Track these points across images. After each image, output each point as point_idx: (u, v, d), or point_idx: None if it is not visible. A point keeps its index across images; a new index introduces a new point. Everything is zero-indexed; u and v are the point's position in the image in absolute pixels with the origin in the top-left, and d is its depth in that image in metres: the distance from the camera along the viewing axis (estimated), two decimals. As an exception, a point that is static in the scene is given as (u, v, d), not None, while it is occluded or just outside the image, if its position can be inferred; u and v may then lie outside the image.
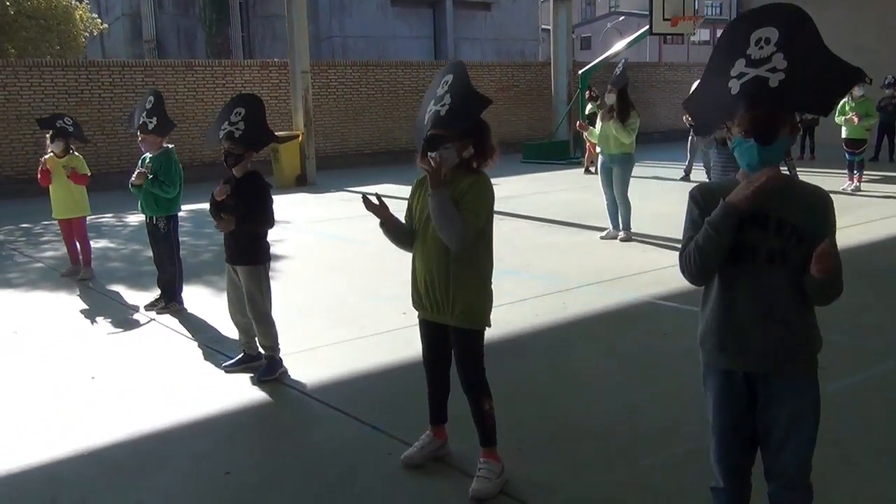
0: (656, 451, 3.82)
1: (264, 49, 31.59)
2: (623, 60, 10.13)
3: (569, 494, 3.45)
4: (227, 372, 5.17)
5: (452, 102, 3.26)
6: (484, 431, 3.52)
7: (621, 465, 3.69)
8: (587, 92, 17.27)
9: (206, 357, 5.53)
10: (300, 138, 15.93)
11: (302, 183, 16.08)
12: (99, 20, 22.35)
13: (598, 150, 9.29)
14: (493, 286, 3.52)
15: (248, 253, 4.95)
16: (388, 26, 31.58)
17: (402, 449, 3.83)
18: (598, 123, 9.08)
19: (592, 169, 16.50)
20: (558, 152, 19.30)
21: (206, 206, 5.34)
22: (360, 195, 3.62)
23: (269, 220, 4.95)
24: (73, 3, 20.71)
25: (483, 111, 3.34)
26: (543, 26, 39.45)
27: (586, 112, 16.91)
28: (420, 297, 3.53)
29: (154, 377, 5.15)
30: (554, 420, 4.24)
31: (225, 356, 5.44)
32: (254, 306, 4.96)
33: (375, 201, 3.52)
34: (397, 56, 27.84)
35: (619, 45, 19.69)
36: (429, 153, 3.30)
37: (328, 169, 18.10)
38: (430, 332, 3.57)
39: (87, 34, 21.30)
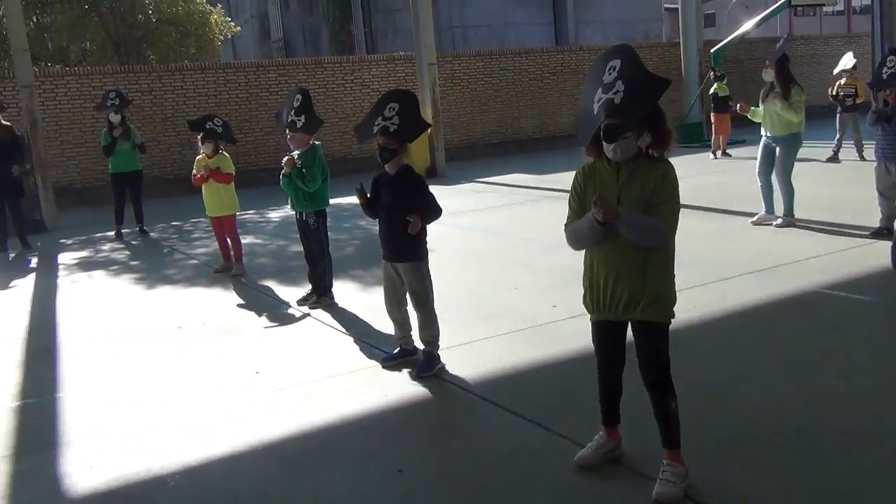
0: (853, 454, 3.55)
1: (386, 43, 31.98)
2: (784, 35, 9.57)
3: (759, 500, 3.25)
4: (384, 367, 5.18)
5: (627, 88, 3.10)
6: (668, 432, 3.36)
7: (812, 470, 3.45)
8: (712, 72, 16.65)
9: (363, 351, 5.58)
10: (429, 130, 15.99)
11: (432, 175, 16.16)
12: (232, 23, 23.14)
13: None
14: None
15: (411, 249, 4.93)
16: (507, 14, 31.35)
17: (571, 449, 3.72)
18: (760, 105, 8.62)
19: (718, 153, 15.91)
20: (691, 135, 18.64)
21: (342, 200, 5.36)
22: (596, 194, 3.39)
23: (436, 209, 4.91)
24: (209, 8, 21.52)
25: (663, 94, 3.16)
26: (666, 5, 38.27)
27: (710, 93, 16.35)
28: (600, 299, 3.37)
29: (314, 372, 5.22)
30: (732, 420, 4.02)
31: (380, 351, 5.47)
32: (419, 302, 4.95)
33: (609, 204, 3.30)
34: (517, 44, 27.59)
35: (753, 21, 18.79)
36: (594, 207, 3.12)
37: (456, 160, 18.13)
38: (607, 333, 3.44)
39: (221, 37, 22.11)
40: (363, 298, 6.97)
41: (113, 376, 5.45)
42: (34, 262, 10.19)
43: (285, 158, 6.58)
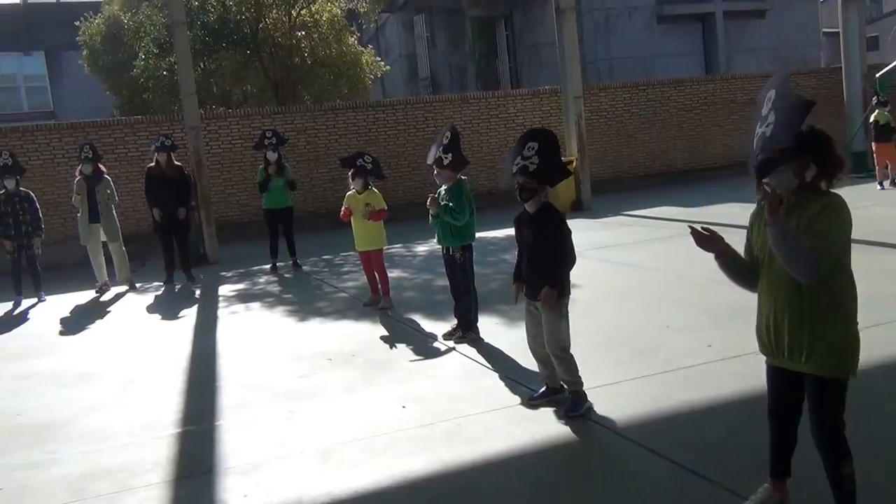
0: None
1: (531, 77, 32.08)
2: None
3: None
4: (530, 405, 5.07)
5: (776, 120, 2.89)
6: (841, 497, 3.07)
7: None
8: (875, 98, 15.65)
9: (508, 388, 5.49)
10: (574, 164, 15.83)
11: (577, 208, 15.95)
12: (382, 63, 23.89)
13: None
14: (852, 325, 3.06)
15: (554, 287, 4.81)
16: (654, 45, 30.80)
17: (732, 501, 3.47)
18: None
19: (886, 183, 14.87)
20: (854, 165, 17.54)
21: (488, 234, 5.32)
22: (689, 227, 3.32)
23: (569, 257, 4.80)
24: (360, 49, 22.33)
25: (804, 119, 2.91)
26: (825, 29, 36.46)
27: (871, 120, 15.37)
28: (767, 341, 3.15)
29: (460, 407, 5.17)
30: (916, 478, 3.64)
31: (526, 388, 5.36)
32: (553, 341, 4.84)
33: (705, 233, 3.21)
34: (665, 74, 27.01)
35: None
36: (762, 181, 2.95)
37: (602, 193, 17.83)
38: (779, 379, 3.19)
39: (371, 77, 22.85)
40: (508, 334, 6.89)
41: (266, 406, 5.61)
42: (198, 293, 10.75)
43: (429, 199, 6.62)
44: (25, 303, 10.86)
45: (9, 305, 10.75)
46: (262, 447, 4.83)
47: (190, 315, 9.22)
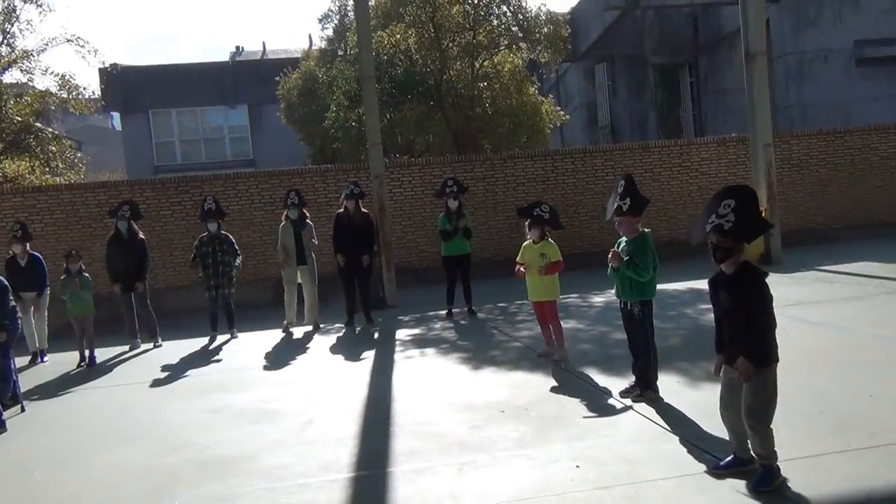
0: None
1: (716, 125, 31.00)
2: None
3: None
4: (714, 475, 4.72)
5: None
6: None
7: None
8: None
9: (691, 454, 5.15)
10: (764, 214, 15.00)
11: (766, 262, 15.07)
12: (561, 112, 23.90)
13: None
14: None
15: (755, 355, 4.47)
16: (852, 89, 28.91)
17: None
18: None
19: None
20: None
21: (669, 286, 5.06)
22: None
23: (771, 323, 4.46)
24: (540, 98, 22.46)
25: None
26: None
27: None
28: None
29: (638, 472, 4.91)
30: None
31: (710, 455, 5.02)
32: (751, 413, 4.48)
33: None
34: (862, 120, 25.26)
35: None
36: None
37: (793, 246, 16.79)
38: None
39: (551, 126, 22.89)
40: (690, 395, 6.53)
41: (437, 455, 5.57)
42: (376, 336, 11.02)
43: (611, 254, 6.42)
44: (220, 339, 11.55)
45: (205, 341, 11.45)
46: (433, 499, 4.79)
47: (368, 357, 9.43)
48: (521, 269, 8.25)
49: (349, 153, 22.33)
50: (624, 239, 6.59)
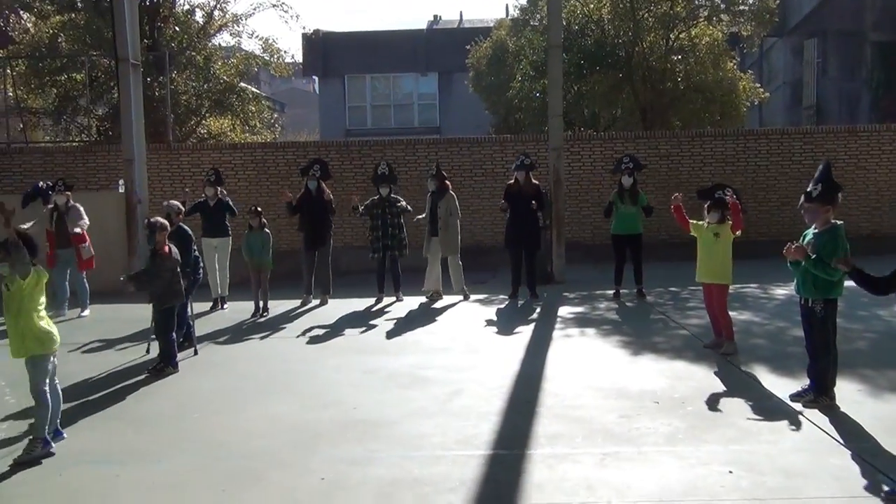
0: None
1: (940, 110, 27.95)
2: None
3: None
4: (889, 502, 4.17)
5: None
6: None
7: None
8: None
9: (864, 475, 4.59)
10: None
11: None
12: (761, 89, 22.36)
13: None
14: None
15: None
16: None
17: None
18: None
19: None
20: None
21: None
22: None
23: None
24: (739, 74, 21.10)
25: None
26: None
27: None
28: None
29: (798, 485, 4.44)
30: None
31: (887, 478, 4.45)
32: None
33: None
34: None
35: None
36: None
37: None
38: None
39: (748, 104, 21.49)
40: (871, 405, 5.87)
41: (581, 442, 5.33)
42: (537, 311, 10.78)
43: (787, 247, 5.79)
44: (386, 300, 11.75)
45: (371, 301, 11.70)
46: (568, 488, 4.57)
47: (525, 333, 9.23)
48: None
49: (531, 124, 22.04)
50: (811, 231, 5.96)
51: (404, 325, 9.98)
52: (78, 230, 11.41)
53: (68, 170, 16.02)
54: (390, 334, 9.38)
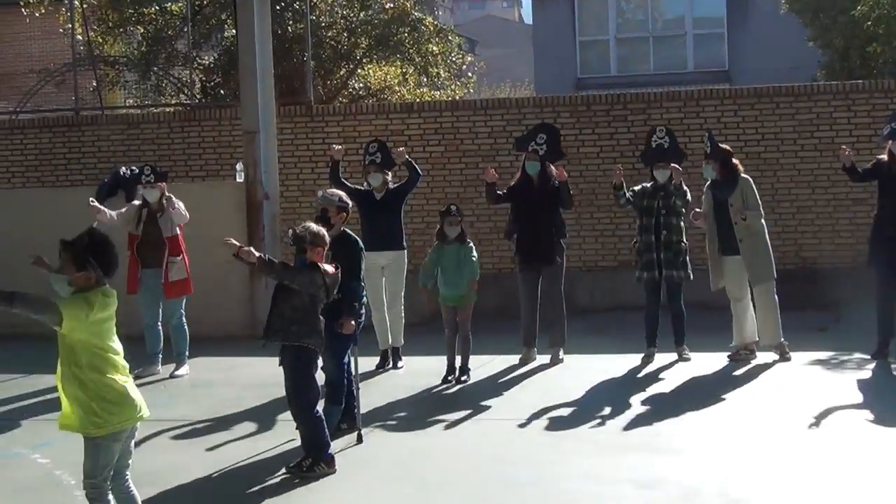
0: None
1: None
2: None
3: None
4: None
5: None
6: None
7: None
8: None
9: None
10: None
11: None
12: None
13: None
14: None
15: None
16: None
17: None
18: None
19: None
20: None
21: None
22: None
23: None
24: None
25: None
26: None
27: None
28: None
29: None
30: None
31: None
32: None
33: None
34: None
35: None
36: None
37: None
38: None
39: None
40: None
41: None
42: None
43: None
44: (658, 356, 11.45)
45: (634, 359, 11.41)
46: None
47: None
48: None
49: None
50: None
51: (695, 400, 9.58)
52: (179, 204, 11.53)
53: (160, 148, 16.61)
54: (674, 419, 9.01)
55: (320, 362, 7.87)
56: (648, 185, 11.46)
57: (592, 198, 15.66)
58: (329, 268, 7.50)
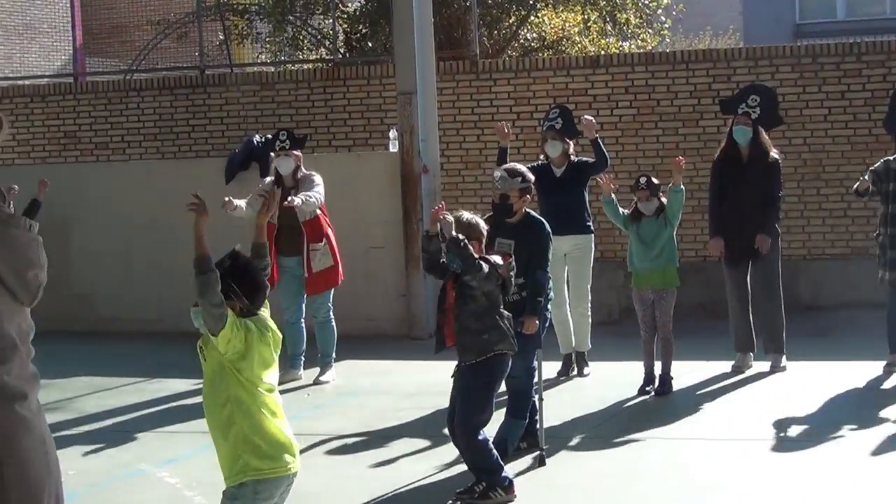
0: None
1: None
2: None
3: None
4: None
5: None
6: None
7: None
8: None
9: None
10: None
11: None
12: None
13: None
14: None
15: None
16: None
17: None
18: None
19: None
20: None
21: None
22: None
23: None
24: None
25: None
26: None
27: None
28: None
29: None
30: None
31: None
32: None
33: None
34: None
35: None
36: None
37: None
38: None
39: None
40: None
41: None
42: None
43: None
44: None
45: (875, 367, 11.20)
46: None
47: None
48: None
49: None
50: None
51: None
52: (298, 202, 10.85)
53: (298, 112, 16.54)
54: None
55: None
56: (893, 160, 10.85)
57: (819, 170, 15.13)
58: (497, 258, 7.37)
